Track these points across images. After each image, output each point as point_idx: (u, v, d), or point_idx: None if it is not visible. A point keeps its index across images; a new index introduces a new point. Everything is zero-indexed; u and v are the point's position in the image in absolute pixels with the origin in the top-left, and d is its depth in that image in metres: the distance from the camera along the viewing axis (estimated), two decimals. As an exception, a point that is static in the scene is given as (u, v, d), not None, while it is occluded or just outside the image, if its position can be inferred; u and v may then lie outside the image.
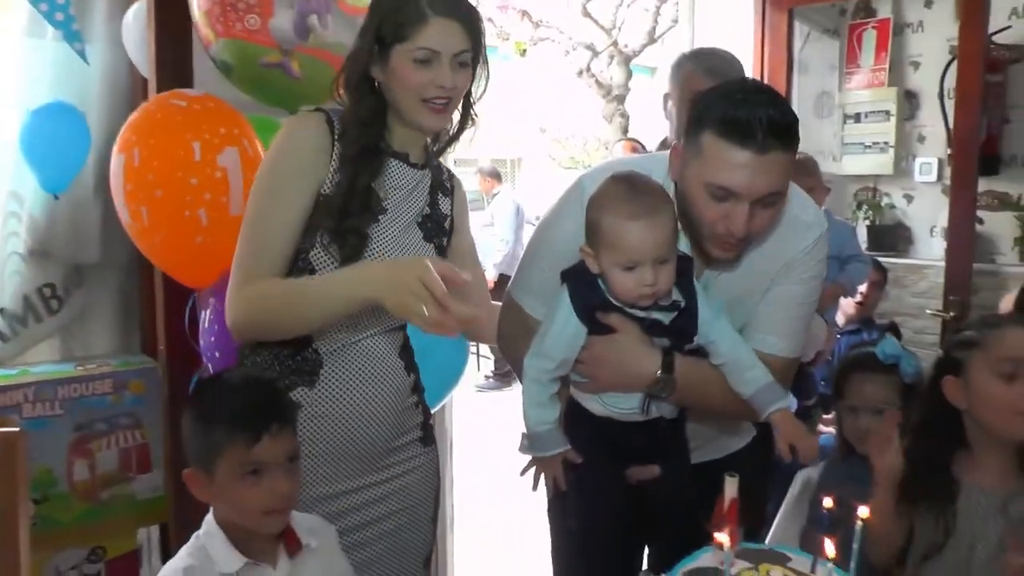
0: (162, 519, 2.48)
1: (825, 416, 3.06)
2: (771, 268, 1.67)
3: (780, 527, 2.14)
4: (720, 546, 1.09)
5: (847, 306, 3.79)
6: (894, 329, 4.06)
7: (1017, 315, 1.83)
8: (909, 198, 4.71)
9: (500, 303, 1.89)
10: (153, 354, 2.51)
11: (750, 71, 4.82)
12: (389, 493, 1.76)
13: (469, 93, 1.72)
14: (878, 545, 1.72)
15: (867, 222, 4.73)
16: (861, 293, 3.78)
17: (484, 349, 7.65)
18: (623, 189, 1.53)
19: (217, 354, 2.10)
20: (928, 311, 3.92)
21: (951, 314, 3.55)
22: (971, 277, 3.58)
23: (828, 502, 1.26)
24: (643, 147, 4.20)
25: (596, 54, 10.46)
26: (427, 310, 1.40)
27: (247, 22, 2.16)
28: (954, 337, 1.78)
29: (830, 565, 1.09)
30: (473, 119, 1.77)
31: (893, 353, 2.07)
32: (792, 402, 1.61)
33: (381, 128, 1.68)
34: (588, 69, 10.48)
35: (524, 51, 10.55)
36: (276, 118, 2.30)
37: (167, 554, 2.52)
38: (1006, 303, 2.85)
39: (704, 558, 1.22)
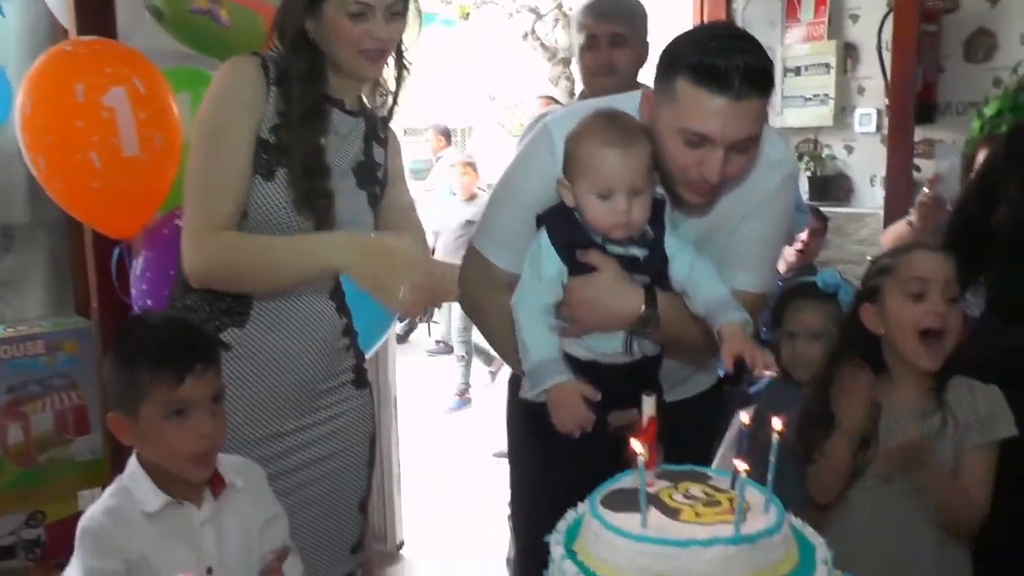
0: (104, 481, 2.42)
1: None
2: (740, 206, 1.68)
3: (722, 459, 2.18)
4: (641, 464, 1.08)
5: (788, 254, 3.84)
6: (835, 276, 4.13)
7: (921, 242, 1.91)
8: (849, 149, 4.77)
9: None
10: (87, 314, 2.45)
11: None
12: (321, 436, 1.77)
13: (401, 41, 1.73)
14: (826, 495, 1.77)
15: (809, 173, 4.79)
16: (802, 241, 3.83)
17: (435, 315, 7.65)
18: (602, 121, 1.56)
19: (149, 302, 2.06)
20: (868, 258, 3.96)
21: (890, 260, 3.61)
22: (909, 223, 3.62)
23: (744, 418, 1.27)
24: (558, 103, 4.20)
25: (540, 17, 10.38)
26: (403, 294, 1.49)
27: None
28: (872, 266, 1.83)
29: (743, 477, 1.09)
30: (407, 67, 1.78)
31: (833, 282, 2.13)
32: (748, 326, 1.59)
33: (324, 82, 1.68)
34: (533, 32, 10.41)
35: (467, 15, 10.46)
36: (207, 70, 2.26)
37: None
38: (886, 239, 2.96)
39: (625, 480, 1.21)
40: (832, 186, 4.75)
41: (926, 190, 2.36)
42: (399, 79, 1.79)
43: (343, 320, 1.81)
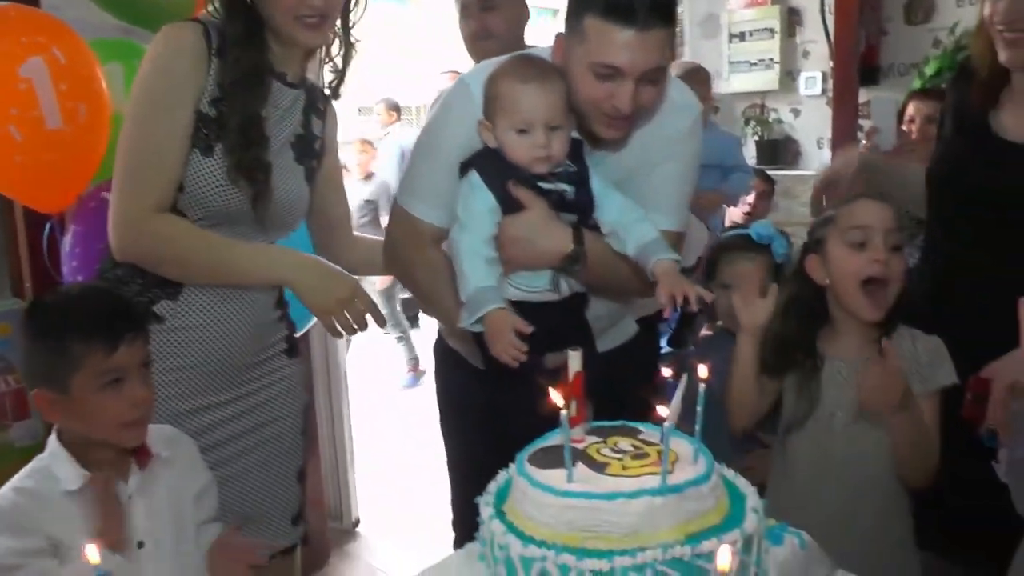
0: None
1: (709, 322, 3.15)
2: (655, 148, 1.71)
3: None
4: (566, 419, 1.08)
5: (735, 215, 3.87)
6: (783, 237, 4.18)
7: (864, 193, 1.91)
8: (796, 112, 4.83)
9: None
10: (21, 294, 2.40)
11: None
12: (255, 406, 1.76)
13: (347, 17, 1.72)
14: (740, 407, 1.81)
15: (756, 137, 4.84)
16: (749, 203, 3.87)
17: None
18: (518, 61, 1.62)
19: (79, 278, 2.02)
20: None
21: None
22: (855, 184, 3.67)
23: (666, 371, 1.28)
24: None
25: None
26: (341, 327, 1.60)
27: None
28: (816, 219, 1.85)
29: (667, 426, 1.10)
30: (352, 43, 1.77)
31: (766, 233, 2.15)
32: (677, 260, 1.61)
33: (262, 48, 1.65)
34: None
35: (418, -11, 10.34)
36: (140, 42, 2.20)
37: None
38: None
39: (554, 438, 1.21)
40: (779, 149, 4.81)
41: (864, 142, 2.38)
42: (346, 56, 1.78)
43: (275, 291, 1.80)
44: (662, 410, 1.10)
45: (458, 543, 2.04)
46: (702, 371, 1.19)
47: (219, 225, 1.64)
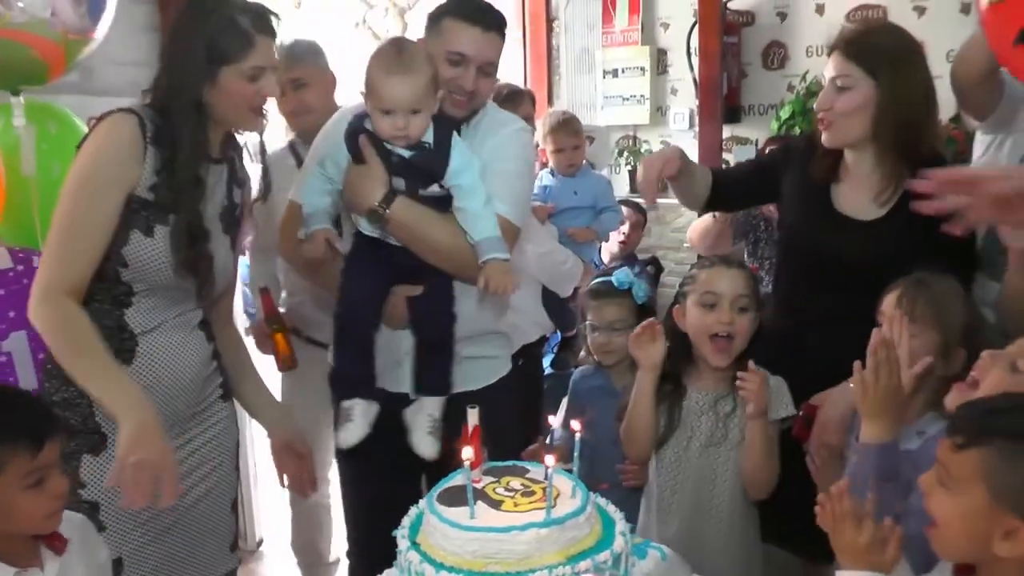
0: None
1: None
2: (492, 149, 2.08)
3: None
4: (467, 466, 1.34)
5: (612, 245, 4.18)
6: (655, 262, 4.54)
7: (720, 257, 2.21)
8: (666, 144, 5.14)
9: None
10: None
11: (514, 32, 5.11)
12: (198, 448, 1.94)
13: None
14: (638, 437, 2.10)
15: (628, 167, 5.16)
16: (624, 234, 4.18)
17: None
18: (391, 50, 1.93)
19: None
20: (685, 244, 4.38)
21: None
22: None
23: (554, 419, 1.53)
24: None
25: (371, 7, 10.43)
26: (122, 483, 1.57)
27: None
28: (684, 276, 2.16)
29: (551, 470, 1.36)
30: (265, 116, 1.92)
31: (625, 280, 2.45)
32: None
33: (206, 147, 1.82)
34: (364, 21, 10.44)
35: (299, 3, 10.36)
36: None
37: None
38: (693, 231, 3.39)
39: (457, 478, 1.45)
40: (651, 180, 5.13)
41: None
42: (261, 136, 1.98)
43: (211, 345, 1.97)
44: (548, 459, 1.36)
45: (351, 557, 2.32)
46: (575, 425, 1.46)
47: (160, 292, 1.82)
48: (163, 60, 1.82)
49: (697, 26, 4.70)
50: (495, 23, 2.04)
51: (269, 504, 3.83)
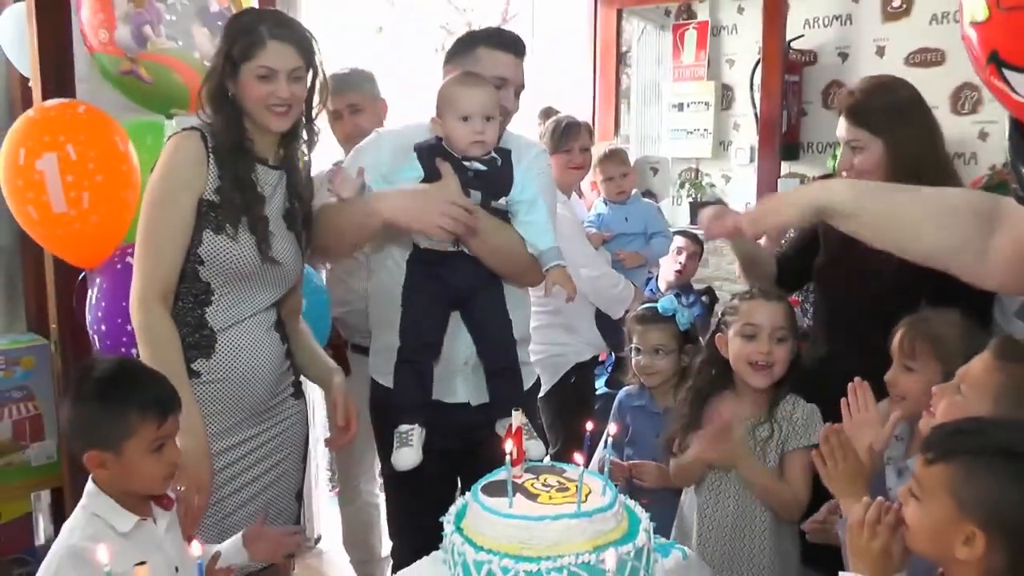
0: (56, 483, 2.73)
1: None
2: (522, 159, 2.22)
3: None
4: (509, 461, 1.51)
5: (668, 274, 4.30)
6: (710, 292, 4.65)
7: (761, 290, 2.33)
8: (727, 178, 5.30)
9: None
10: (43, 332, 2.74)
11: (585, 63, 5.32)
12: (270, 439, 2.13)
13: (309, 103, 2.09)
14: (683, 480, 2.27)
15: (690, 199, 5.30)
16: (680, 263, 4.31)
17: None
18: (459, 74, 2.14)
19: (103, 327, 2.38)
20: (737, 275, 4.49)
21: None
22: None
23: (589, 425, 1.69)
24: None
25: (451, 33, 10.75)
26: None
27: (99, 36, 2.50)
28: (726, 305, 2.30)
29: (583, 470, 1.53)
30: (315, 130, 2.14)
31: (670, 307, 2.59)
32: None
33: (242, 130, 2.02)
34: (443, 47, 10.73)
35: (381, 28, 10.73)
36: (157, 120, 2.62)
37: (58, 515, 2.77)
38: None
39: (500, 474, 1.62)
40: (710, 211, 5.26)
41: None
42: (310, 142, 2.16)
43: (285, 346, 2.16)
44: (578, 457, 1.53)
45: (395, 552, 2.45)
46: (612, 428, 1.63)
47: (236, 284, 2.02)
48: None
49: (760, 64, 4.84)
50: (523, 50, 2.27)
51: (328, 505, 4.03)
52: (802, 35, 4.93)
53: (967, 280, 1.70)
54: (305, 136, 2.13)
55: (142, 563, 1.13)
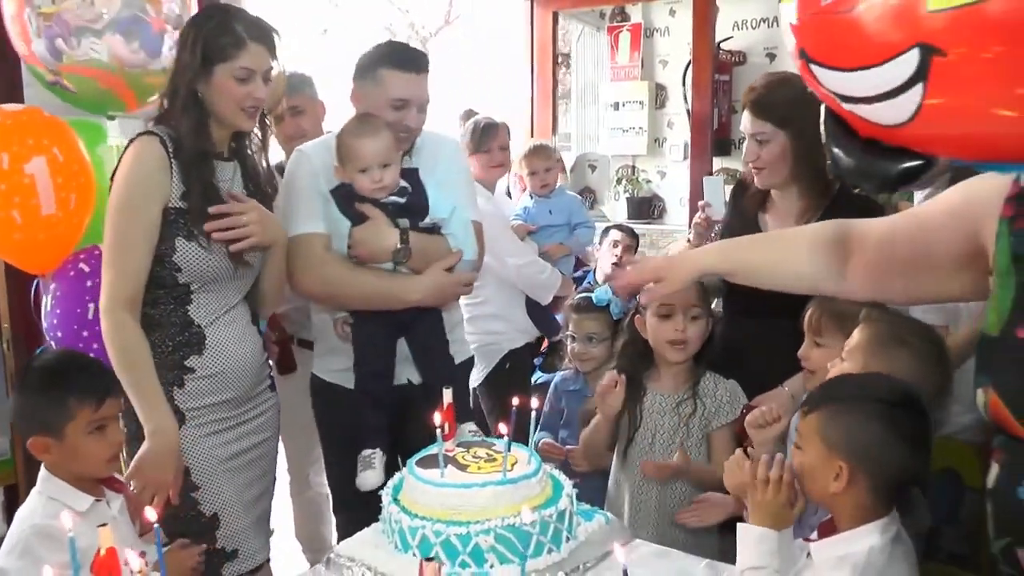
0: (10, 480, 2.80)
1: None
2: (443, 164, 2.39)
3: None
4: (440, 436, 1.67)
5: (605, 265, 4.44)
6: (646, 283, 4.81)
7: None
8: (662, 174, 5.48)
9: None
10: (-2, 335, 2.79)
11: (524, 64, 5.48)
12: (255, 428, 2.20)
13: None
14: (593, 450, 2.40)
15: (627, 194, 5.48)
16: (616, 255, 4.45)
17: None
18: (355, 122, 2.25)
19: (59, 334, 2.43)
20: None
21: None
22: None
23: (515, 400, 1.83)
24: None
25: (394, 35, 10.84)
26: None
27: (21, 48, 2.53)
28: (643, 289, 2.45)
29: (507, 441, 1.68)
30: (268, 124, 2.21)
31: (603, 298, 2.73)
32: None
33: (209, 133, 2.03)
34: (387, 49, 10.79)
35: (325, 30, 10.77)
36: (96, 121, 2.66)
37: (13, 512, 2.81)
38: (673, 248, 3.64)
39: (433, 448, 1.76)
40: (647, 206, 5.45)
41: (699, 214, 2.81)
42: (264, 138, 2.21)
43: (261, 339, 2.25)
44: (502, 427, 1.68)
45: (339, 527, 2.60)
46: (534, 403, 1.78)
47: (211, 284, 2.06)
48: (173, 63, 2.04)
49: (692, 64, 5.03)
50: (424, 65, 2.32)
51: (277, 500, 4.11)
52: (731, 36, 5.15)
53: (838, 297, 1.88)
54: (259, 133, 2.17)
55: (103, 524, 1.23)
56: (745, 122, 2.39)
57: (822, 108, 1.35)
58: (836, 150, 1.33)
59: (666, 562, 1.82)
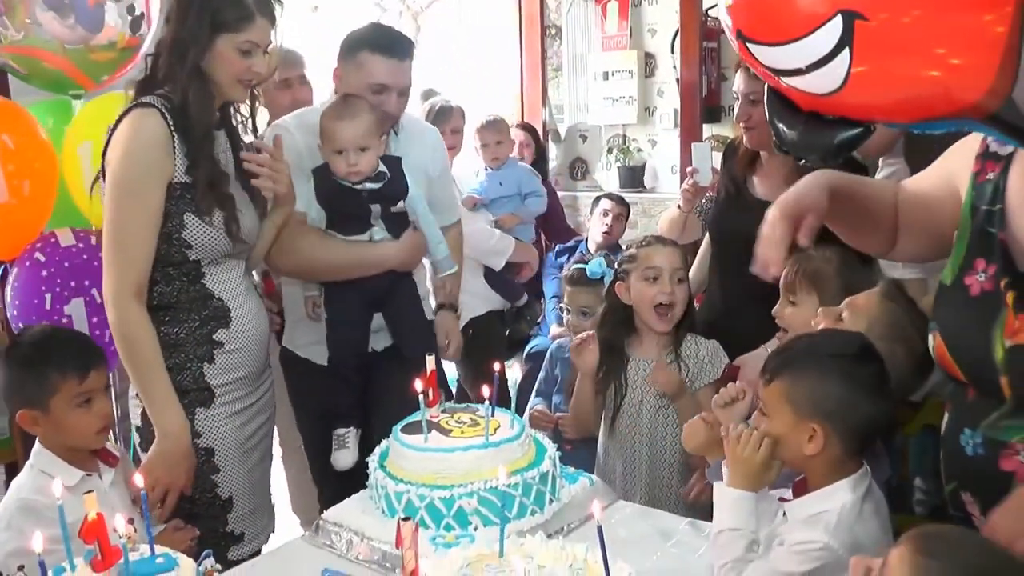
0: (10, 459, 2.81)
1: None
2: (427, 153, 2.50)
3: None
4: (423, 401, 1.69)
5: (596, 235, 4.47)
6: (638, 251, 4.84)
7: (655, 236, 2.52)
8: (653, 142, 5.47)
9: None
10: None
11: (512, 36, 5.47)
12: (261, 407, 2.20)
13: None
14: (581, 416, 2.42)
15: (618, 164, 5.48)
16: (607, 224, 4.46)
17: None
18: (339, 103, 2.26)
19: (20, 324, 2.44)
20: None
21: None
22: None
23: (496, 366, 1.87)
24: None
25: (385, 11, 10.77)
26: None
27: None
28: (622, 255, 2.48)
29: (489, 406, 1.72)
30: (256, 95, 2.18)
31: (597, 271, 2.76)
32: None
33: (214, 105, 1.99)
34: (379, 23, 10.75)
35: (316, 7, 10.71)
36: (63, 99, 2.63)
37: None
38: (662, 221, 3.66)
39: (417, 415, 1.79)
40: (638, 175, 5.44)
41: (688, 181, 2.82)
42: (253, 108, 2.18)
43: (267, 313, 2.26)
44: (485, 390, 1.72)
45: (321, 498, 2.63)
46: (518, 370, 1.81)
47: (218, 260, 2.03)
48: (169, 29, 1.96)
49: (680, 32, 5.03)
50: (408, 52, 2.30)
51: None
52: (718, 3, 5.09)
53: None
54: (248, 103, 2.14)
55: (89, 491, 1.26)
56: (738, 82, 2.43)
57: (764, 86, 1.37)
58: (780, 125, 1.37)
59: (649, 521, 1.86)
